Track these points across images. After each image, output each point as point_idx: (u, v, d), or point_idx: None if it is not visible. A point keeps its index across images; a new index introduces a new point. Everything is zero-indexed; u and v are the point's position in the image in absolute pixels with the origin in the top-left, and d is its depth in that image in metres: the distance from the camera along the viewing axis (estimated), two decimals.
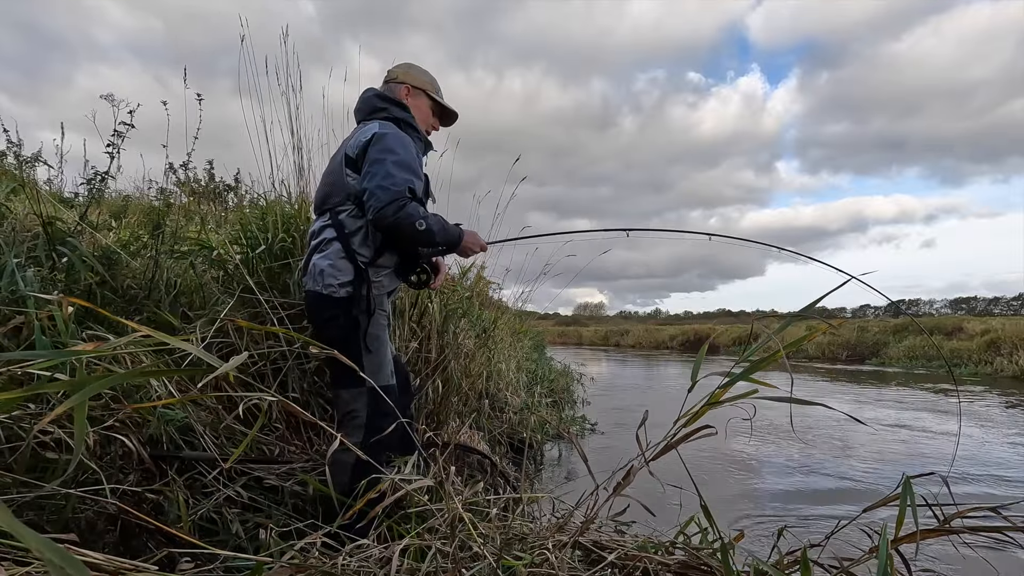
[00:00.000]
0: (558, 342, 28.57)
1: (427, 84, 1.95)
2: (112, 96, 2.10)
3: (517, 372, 4.60)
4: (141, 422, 1.70)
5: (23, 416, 1.43)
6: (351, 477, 1.53)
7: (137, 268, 2.19)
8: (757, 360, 1.06)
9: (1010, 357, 11.22)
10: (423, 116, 1.94)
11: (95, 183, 2.24)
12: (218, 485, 1.73)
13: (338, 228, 1.73)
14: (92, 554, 0.91)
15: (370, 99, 1.88)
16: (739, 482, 3.36)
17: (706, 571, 1.21)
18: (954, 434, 4.81)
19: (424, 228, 1.64)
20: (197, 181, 4.37)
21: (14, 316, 1.57)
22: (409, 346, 2.72)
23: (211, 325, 2.02)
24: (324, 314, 1.71)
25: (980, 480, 3.47)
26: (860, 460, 3.94)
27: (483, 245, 1.95)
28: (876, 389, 8.55)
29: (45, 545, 0.31)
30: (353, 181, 1.72)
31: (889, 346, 15.31)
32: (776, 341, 1.01)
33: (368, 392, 1.64)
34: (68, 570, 0.33)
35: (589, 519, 1.26)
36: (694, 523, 1.43)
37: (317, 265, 1.71)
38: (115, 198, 3.69)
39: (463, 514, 1.15)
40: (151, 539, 1.46)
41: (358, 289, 1.69)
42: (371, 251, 1.73)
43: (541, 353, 8.00)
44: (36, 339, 1.27)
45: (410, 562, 1.13)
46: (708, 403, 1.07)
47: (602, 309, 54.77)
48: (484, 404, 3.43)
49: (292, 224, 2.48)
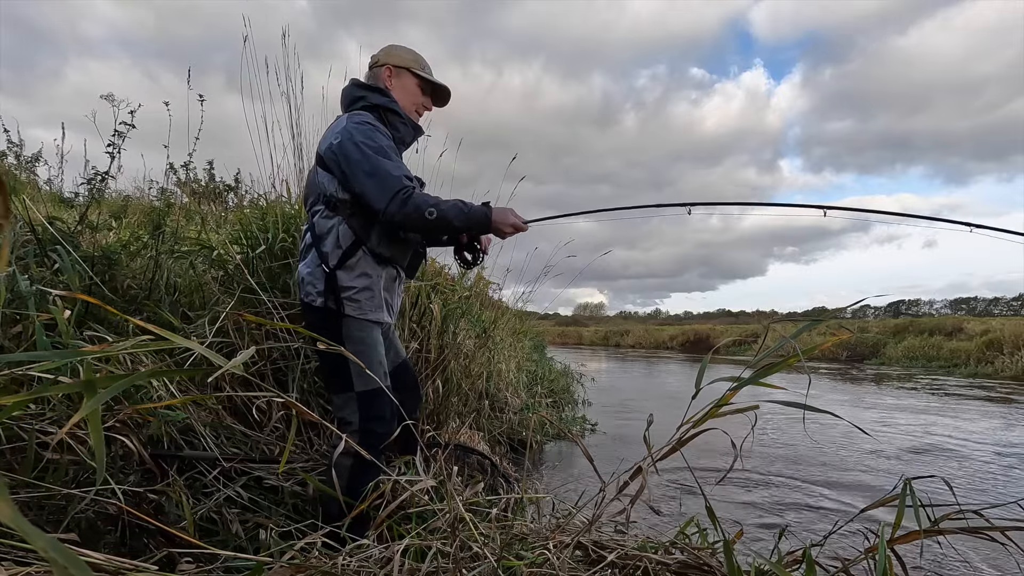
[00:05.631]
0: (558, 342, 28.55)
1: (409, 61, 1.80)
2: (112, 96, 2.10)
3: (517, 372, 4.60)
4: (141, 422, 1.70)
5: (23, 416, 1.43)
6: (348, 480, 1.53)
7: (137, 268, 2.20)
8: (769, 364, 1.05)
9: (1011, 357, 11.21)
10: (409, 97, 1.80)
11: (95, 183, 2.24)
12: (218, 485, 1.73)
13: (312, 231, 1.67)
14: (93, 554, 0.91)
15: (349, 90, 1.78)
16: (739, 482, 3.36)
17: (706, 571, 1.21)
18: (959, 434, 4.81)
19: (436, 216, 1.54)
20: (197, 181, 4.37)
21: (16, 317, 1.57)
22: (409, 346, 2.72)
23: (212, 325, 2.02)
24: (309, 320, 1.67)
25: (982, 480, 3.47)
26: (861, 460, 3.93)
27: (517, 224, 1.71)
28: (878, 389, 8.55)
29: (50, 545, 0.32)
30: (325, 180, 1.65)
31: (888, 346, 15.33)
32: (795, 344, 1.01)
33: (358, 397, 1.61)
34: (71, 570, 0.33)
35: (595, 518, 1.26)
36: (694, 523, 1.43)
37: (300, 272, 1.68)
38: (115, 198, 3.69)
39: (464, 514, 1.15)
40: (151, 539, 1.46)
41: (327, 297, 1.62)
42: (339, 253, 1.63)
43: (541, 353, 7.99)
44: (38, 340, 1.27)
45: (411, 562, 1.13)
46: (718, 404, 1.07)
47: (602, 309, 54.84)
48: (484, 404, 3.43)
49: (292, 224, 2.48)
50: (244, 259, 2.38)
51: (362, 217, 1.63)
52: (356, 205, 1.63)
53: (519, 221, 1.71)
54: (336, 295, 1.62)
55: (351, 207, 1.63)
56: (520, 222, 1.71)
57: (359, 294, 1.64)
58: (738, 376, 1.06)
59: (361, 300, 1.65)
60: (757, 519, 2.70)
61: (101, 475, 0.78)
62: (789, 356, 1.03)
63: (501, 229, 1.68)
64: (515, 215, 1.70)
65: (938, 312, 35.04)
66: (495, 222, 1.66)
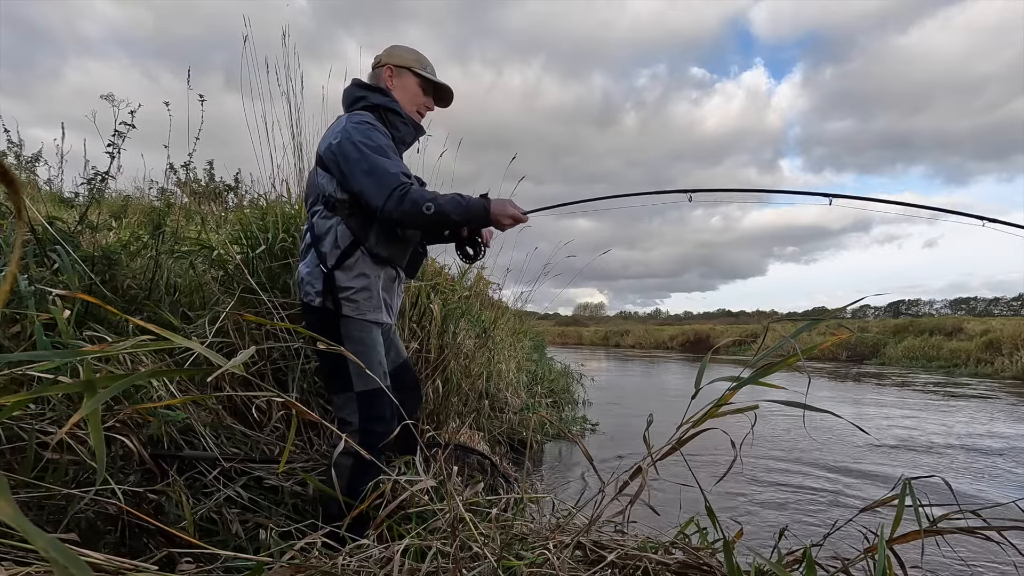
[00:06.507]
0: (558, 342, 28.55)
1: (411, 61, 1.79)
2: (112, 96, 2.10)
3: (517, 372, 4.60)
4: (141, 422, 1.70)
5: (23, 416, 1.43)
6: (348, 480, 1.53)
7: (137, 268, 2.20)
8: (769, 363, 1.05)
9: (1010, 357, 11.22)
10: (410, 96, 1.80)
11: (95, 183, 2.24)
12: (218, 485, 1.73)
13: (312, 231, 1.67)
14: (93, 554, 0.91)
15: (350, 90, 1.79)
16: (740, 482, 3.36)
17: (706, 571, 1.21)
18: (960, 434, 4.81)
19: (434, 210, 1.53)
20: (197, 181, 4.37)
21: (15, 317, 1.57)
22: (409, 346, 2.72)
23: (212, 325, 2.02)
24: (309, 321, 1.68)
25: (982, 480, 3.47)
26: (861, 460, 3.93)
27: (516, 215, 1.67)
28: (878, 388, 8.55)
29: (51, 544, 0.32)
30: (324, 180, 1.65)
31: (888, 346, 15.33)
32: (794, 344, 1.01)
33: (357, 397, 1.62)
34: (72, 570, 0.33)
35: (595, 517, 1.26)
36: (694, 523, 1.43)
37: (300, 272, 1.69)
38: (115, 198, 3.69)
39: (464, 514, 1.15)
40: (151, 539, 1.46)
41: (326, 297, 1.62)
42: (338, 253, 1.63)
43: (541, 353, 7.99)
44: (38, 340, 1.27)
45: (411, 562, 1.13)
46: (718, 404, 1.07)
47: (602, 309, 54.89)
48: (484, 404, 3.43)
49: (292, 224, 2.48)
50: (244, 259, 2.38)
51: (360, 217, 1.63)
52: (354, 205, 1.63)
53: (518, 212, 1.68)
54: (334, 295, 1.62)
55: (349, 207, 1.63)
56: (519, 213, 1.68)
57: (357, 294, 1.64)
58: (737, 376, 1.06)
59: (359, 300, 1.64)
60: (757, 519, 2.70)
61: (101, 475, 0.78)
62: (789, 356, 1.03)
63: (500, 221, 1.66)
64: (514, 206, 1.67)
65: (938, 312, 35.08)
66: (494, 214, 1.63)
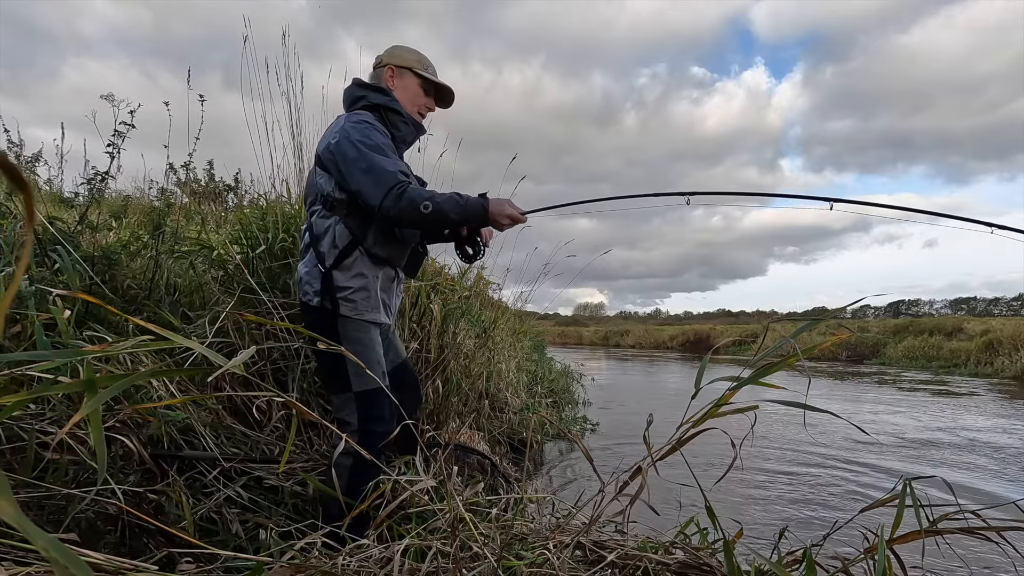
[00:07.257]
0: (558, 342, 28.55)
1: (412, 62, 1.79)
2: (112, 96, 2.10)
3: (517, 372, 4.60)
4: (141, 422, 1.70)
5: (23, 416, 1.43)
6: (348, 480, 1.53)
7: (137, 268, 2.20)
8: (769, 363, 1.05)
9: (1010, 357, 11.21)
10: (410, 97, 1.79)
11: (95, 183, 2.24)
12: (218, 485, 1.73)
13: (311, 231, 1.67)
14: (93, 554, 0.91)
15: (351, 90, 1.78)
16: (739, 482, 3.36)
17: (706, 571, 1.21)
18: (959, 434, 4.81)
19: (431, 210, 1.52)
20: (197, 181, 4.37)
21: (16, 317, 1.57)
22: (409, 346, 2.72)
23: (212, 325, 2.02)
24: (308, 321, 1.68)
25: (982, 480, 3.47)
26: (861, 460, 3.93)
27: (514, 215, 1.66)
28: (878, 388, 8.55)
29: (51, 544, 0.32)
30: (323, 180, 1.65)
31: (888, 346, 15.33)
32: (794, 344, 1.01)
33: (356, 397, 1.62)
34: (72, 570, 0.33)
35: (595, 517, 1.26)
36: (694, 523, 1.43)
37: (299, 272, 1.69)
38: (115, 198, 3.69)
39: (464, 514, 1.15)
40: (151, 539, 1.46)
41: (324, 297, 1.62)
42: (336, 253, 1.63)
43: (541, 353, 7.99)
44: (38, 340, 1.27)
45: (411, 562, 1.13)
46: (718, 404, 1.07)
47: (602, 309, 54.88)
48: (484, 404, 3.43)
49: (292, 224, 2.48)
50: (244, 259, 2.38)
51: (359, 217, 1.64)
52: (353, 205, 1.63)
53: (516, 212, 1.66)
54: (332, 295, 1.62)
55: (348, 207, 1.63)
56: (518, 213, 1.67)
57: (355, 294, 1.64)
58: (737, 376, 1.06)
59: (357, 300, 1.64)
60: (757, 519, 2.70)
61: (101, 475, 0.78)
62: (789, 356, 1.03)
63: (498, 221, 1.65)
64: (512, 206, 1.65)
65: (938, 312, 35.06)
66: (492, 214, 1.62)
